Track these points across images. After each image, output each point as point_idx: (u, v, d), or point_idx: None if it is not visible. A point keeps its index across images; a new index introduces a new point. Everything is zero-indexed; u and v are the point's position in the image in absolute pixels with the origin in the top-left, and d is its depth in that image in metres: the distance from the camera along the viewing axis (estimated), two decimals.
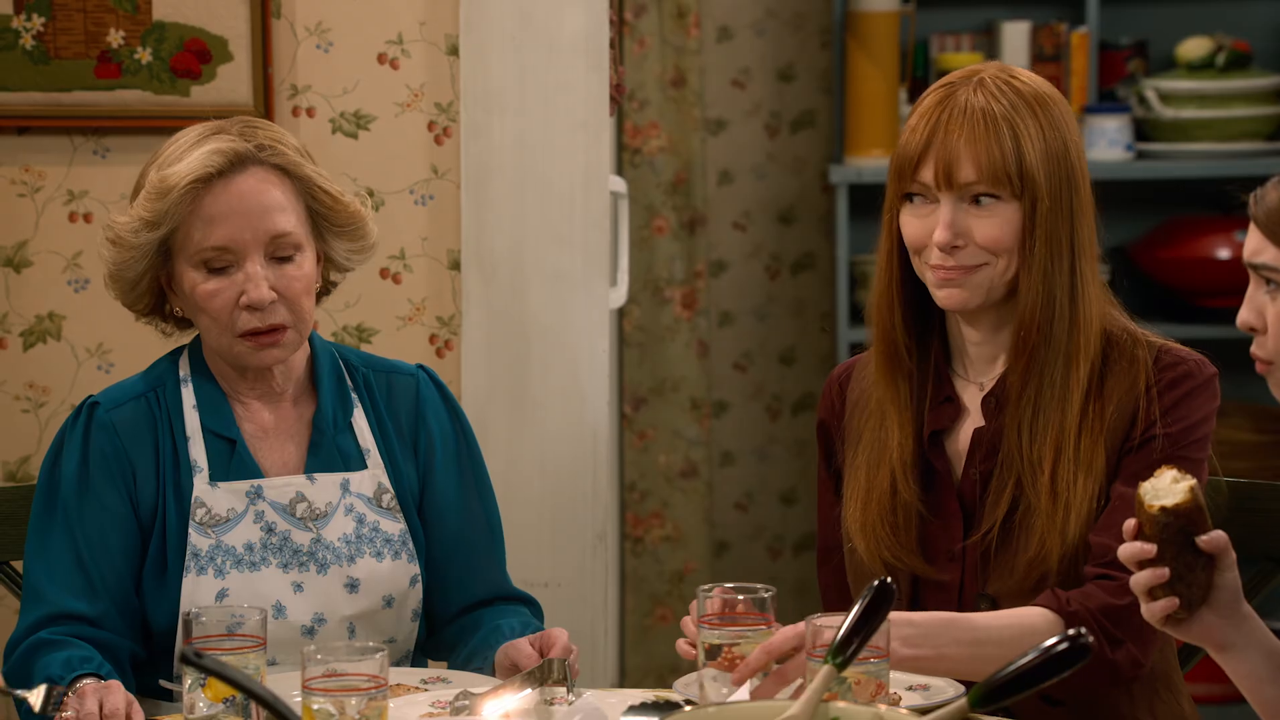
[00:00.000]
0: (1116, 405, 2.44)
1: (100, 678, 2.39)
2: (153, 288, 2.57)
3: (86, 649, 2.46)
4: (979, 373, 2.52)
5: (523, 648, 2.45)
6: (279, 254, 2.51)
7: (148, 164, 2.54)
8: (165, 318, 2.62)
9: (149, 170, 2.53)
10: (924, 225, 2.44)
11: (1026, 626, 2.36)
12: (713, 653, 2.25)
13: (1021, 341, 2.44)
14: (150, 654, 2.55)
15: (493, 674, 2.49)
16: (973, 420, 2.50)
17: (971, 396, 2.51)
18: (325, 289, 2.65)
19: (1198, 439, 2.46)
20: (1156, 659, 2.50)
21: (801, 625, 2.20)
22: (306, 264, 2.53)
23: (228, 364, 2.58)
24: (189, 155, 2.48)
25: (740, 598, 2.27)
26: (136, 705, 2.33)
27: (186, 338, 2.65)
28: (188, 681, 2.20)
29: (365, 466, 2.60)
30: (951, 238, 2.42)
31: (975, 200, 2.42)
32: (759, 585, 2.28)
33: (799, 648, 2.21)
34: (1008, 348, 2.48)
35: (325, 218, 2.56)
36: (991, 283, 2.44)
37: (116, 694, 2.32)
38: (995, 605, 2.45)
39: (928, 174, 2.43)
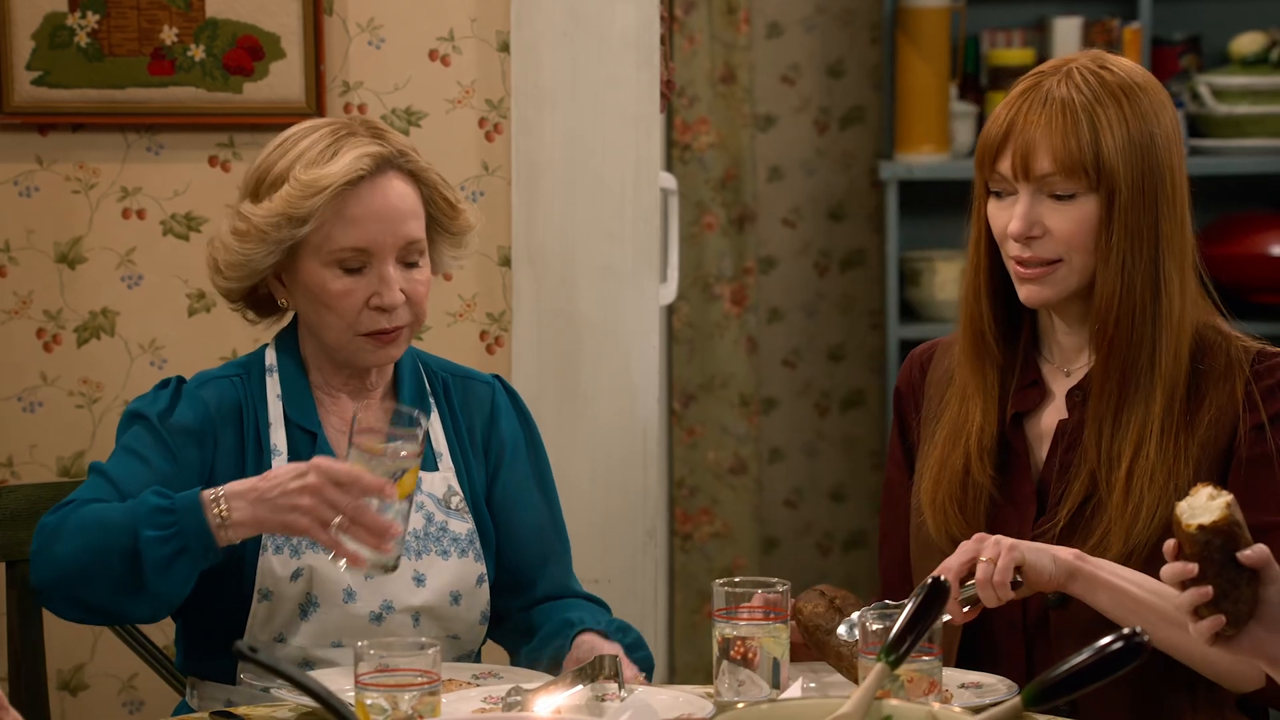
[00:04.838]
0: (1214, 411, 2.41)
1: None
2: (263, 279, 2.60)
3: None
4: (1067, 361, 2.51)
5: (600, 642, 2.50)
6: (408, 259, 2.57)
7: (269, 160, 2.57)
8: (255, 306, 2.65)
9: (280, 165, 2.55)
10: (1006, 215, 2.45)
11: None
12: (725, 646, 2.26)
13: (1099, 334, 2.43)
14: (220, 633, 2.54)
15: (560, 663, 2.51)
16: (1057, 409, 2.49)
17: (1059, 385, 2.50)
18: None
19: None
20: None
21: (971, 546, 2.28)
22: (428, 268, 2.61)
23: (333, 360, 2.61)
24: (339, 157, 2.53)
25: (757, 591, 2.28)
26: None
27: (266, 326, 2.67)
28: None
29: (436, 469, 2.63)
30: (1026, 228, 2.41)
31: (1053, 195, 2.42)
32: (774, 579, 2.28)
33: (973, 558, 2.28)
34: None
35: (441, 224, 2.63)
36: (1070, 279, 2.43)
37: None
38: (1064, 603, 2.42)
39: (1005, 165, 2.43)
